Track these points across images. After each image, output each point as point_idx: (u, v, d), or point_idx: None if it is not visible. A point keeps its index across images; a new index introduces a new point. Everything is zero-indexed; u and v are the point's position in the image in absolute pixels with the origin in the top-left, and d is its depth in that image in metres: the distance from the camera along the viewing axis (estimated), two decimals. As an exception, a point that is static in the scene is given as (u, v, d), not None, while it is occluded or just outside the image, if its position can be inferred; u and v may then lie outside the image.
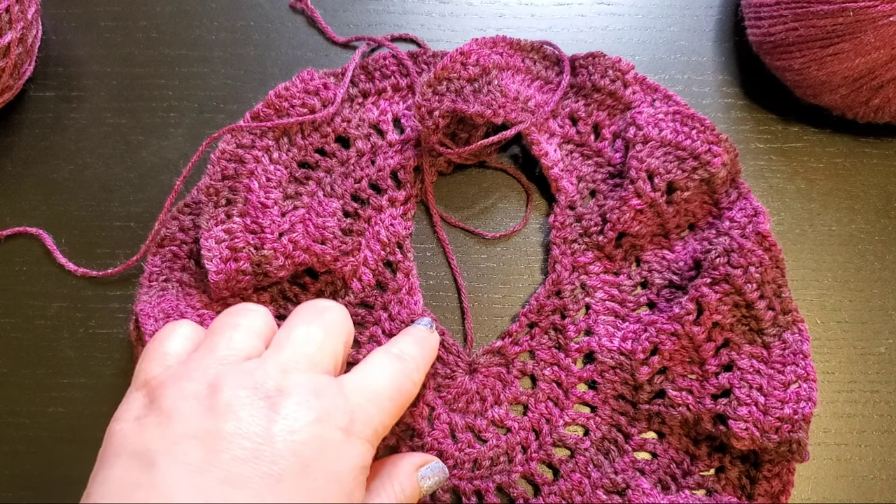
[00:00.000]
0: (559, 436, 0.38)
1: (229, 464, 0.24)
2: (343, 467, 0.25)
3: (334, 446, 0.25)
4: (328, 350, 0.28)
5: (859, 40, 0.37)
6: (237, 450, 0.24)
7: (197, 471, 0.23)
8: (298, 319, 0.30)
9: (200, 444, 0.24)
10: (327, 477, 0.25)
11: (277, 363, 0.27)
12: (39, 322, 0.41)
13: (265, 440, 0.24)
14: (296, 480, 0.24)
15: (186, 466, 0.23)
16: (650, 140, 0.39)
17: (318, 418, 0.25)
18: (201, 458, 0.24)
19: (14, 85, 0.42)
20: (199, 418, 0.25)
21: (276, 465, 0.24)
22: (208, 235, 0.38)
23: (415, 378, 0.31)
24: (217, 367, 0.27)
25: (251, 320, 0.29)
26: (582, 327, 0.40)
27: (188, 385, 0.26)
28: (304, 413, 0.25)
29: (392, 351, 0.31)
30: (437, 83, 0.40)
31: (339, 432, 0.26)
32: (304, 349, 0.28)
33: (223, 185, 0.39)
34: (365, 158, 0.42)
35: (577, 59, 0.44)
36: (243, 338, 0.28)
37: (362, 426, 0.27)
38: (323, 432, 0.25)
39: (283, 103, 0.41)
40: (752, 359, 0.37)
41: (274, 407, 0.25)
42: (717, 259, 0.37)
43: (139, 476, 0.24)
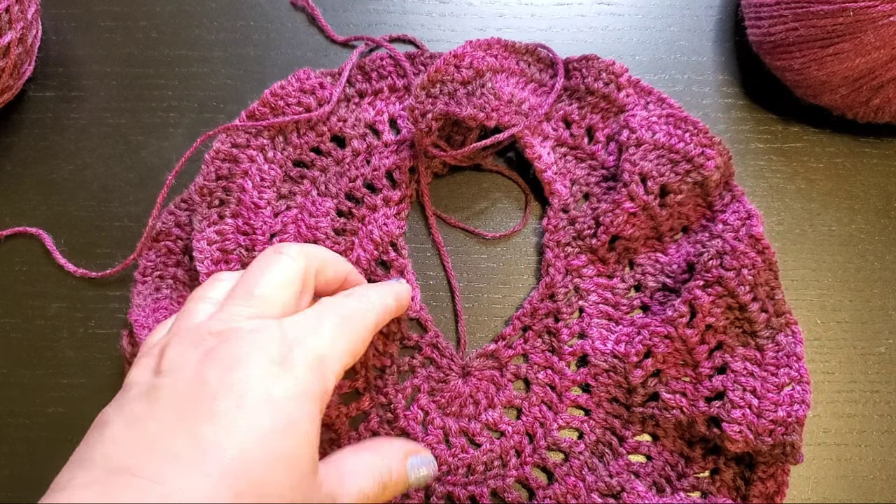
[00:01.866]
0: (553, 439, 0.38)
1: (168, 410, 0.25)
2: (280, 395, 0.25)
3: (269, 378, 0.26)
4: (275, 296, 0.29)
5: (859, 40, 0.37)
6: (175, 397, 0.25)
7: (138, 421, 0.25)
8: (247, 273, 0.30)
9: (144, 399, 0.25)
10: (264, 405, 0.25)
11: (220, 319, 0.28)
12: (39, 322, 0.41)
13: (200, 382, 0.25)
14: (232, 412, 0.24)
15: (131, 420, 0.25)
16: (643, 143, 0.39)
17: (249, 354, 0.26)
18: (143, 411, 0.25)
19: (14, 85, 0.42)
20: (146, 381, 0.26)
21: (211, 403, 0.25)
22: (200, 237, 0.38)
23: (369, 312, 0.31)
24: (171, 335, 0.28)
25: (215, 290, 0.30)
26: (575, 330, 0.40)
27: (145, 360, 0.28)
28: (236, 350, 0.26)
29: (344, 292, 0.32)
30: (431, 86, 0.40)
31: (274, 365, 0.26)
32: (247, 301, 0.28)
33: (217, 185, 0.39)
34: (360, 158, 0.42)
35: (571, 62, 0.44)
36: (203, 307, 0.29)
37: (302, 354, 0.27)
38: (255, 367, 0.26)
39: (278, 102, 0.41)
40: (746, 361, 0.37)
41: (209, 353, 0.26)
42: (710, 261, 0.37)
43: (93, 436, 0.25)
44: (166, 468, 0.23)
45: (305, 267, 0.30)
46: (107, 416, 0.26)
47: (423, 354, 0.39)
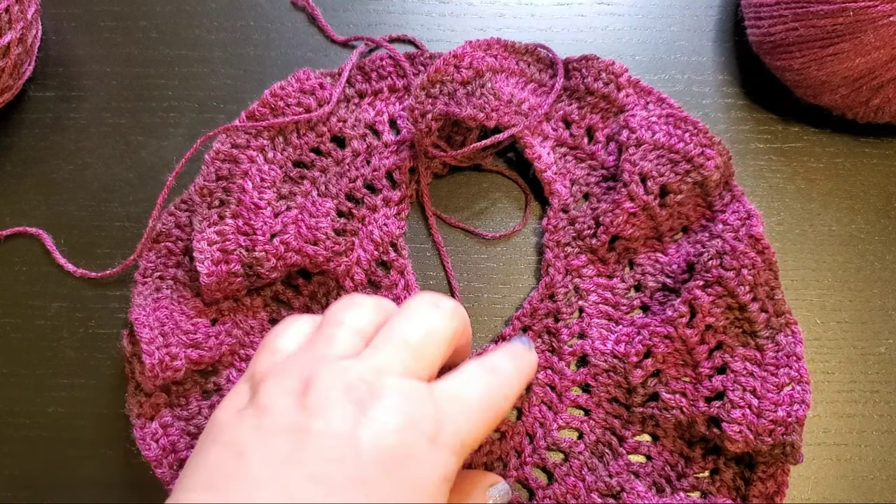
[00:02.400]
0: (553, 439, 0.38)
1: (315, 461, 0.24)
2: (427, 476, 0.25)
3: (419, 454, 0.25)
4: (428, 355, 0.28)
5: (859, 40, 0.37)
6: (324, 448, 0.24)
7: (283, 464, 0.24)
8: (404, 318, 0.29)
9: (289, 440, 0.24)
10: (411, 484, 0.24)
11: (372, 365, 0.26)
12: (39, 322, 0.41)
13: (351, 442, 0.24)
14: (378, 484, 0.24)
15: (274, 459, 0.24)
16: (643, 143, 0.39)
17: (406, 424, 0.25)
18: (288, 453, 0.24)
19: (14, 85, 0.42)
20: (290, 415, 0.25)
21: (360, 468, 0.24)
22: (200, 237, 0.38)
23: (507, 394, 0.29)
24: (315, 365, 0.27)
25: (356, 317, 0.29)
26: (575, 330, 0.40)
27: (285, 381, 0.26)
28: (392, 418, 0.25)
29: (486, 364, 0.30)
30: (431, 86, 0.40)
31: (426, 440, 0.25)
32: (401, 353, 0.27)
33: (217, 185, 0.39)
34: (360, 158, 0.42)
35: (571, 62, 0.44)
36: (345, 336, 0.28)
37: (449, 436, 0.26)
38: (409, 439, 0.25)
39: (278, 102, 0.41)
40: (746, 361, 0.37)
41: (363, 409, 0.25)
42: (710, 262, 0.37)
43: (228, 464, 0.24)
44: None
45: (457, 328, 0.29)
46: (244, 440, 0.25)
47: None
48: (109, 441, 0.39)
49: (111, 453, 0.38)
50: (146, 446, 0.36)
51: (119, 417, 0.38)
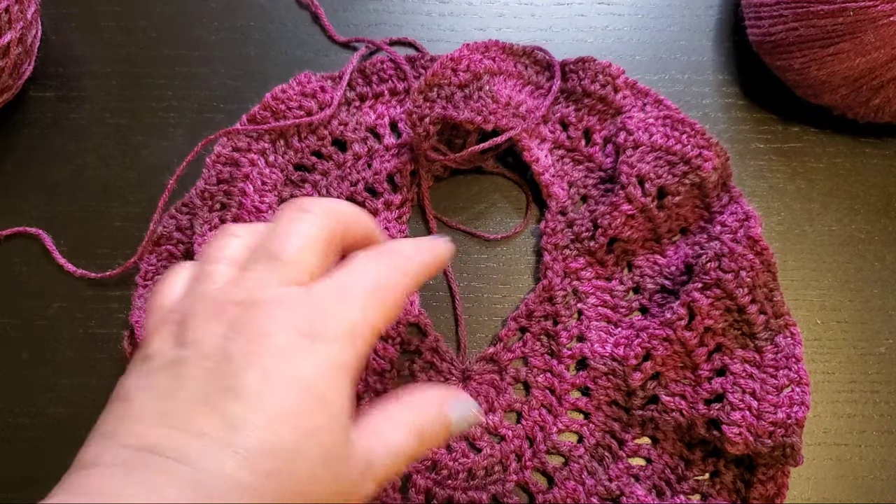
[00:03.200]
0: (553, 443, 0.38)
1: (193, 386, 0.24)
2: (307, 370, 0.24)
3: (297, 352, 0.25)
4: (302, 260, 0.27)
5: (859, 40, 0.37)
6: (200, 372, 0.24)
7: (164, 397, 0.24)
8: (271, 233, 0.28)
9: (168, 374, 0.25)
10: (292, 381, 0.24)
11: (244, 286, 0.26)
12: (39, 322, 0.41)
13: (224, 358, 0.24)
14: (259, 389, 0.24)
15: (155, 396, 0.24)
16: (641, 145, 0.39)
17: (276, 328, 0.25)
18: (168, 386, 0.24)
19: (13, 85, 0.42)
20: (168, 353, 0.25)
21: (236, 379, 0.24)
22: (201, 240, 0.38)
23: (404, 271, 0.29)
24: (191, 303, 0.27)
25: (228, 248, 0.29)
26: (574, 333, 0.40)
27: (165, 327, 0.27)
28: (262, 323, 0.25)
29: (377, 248, 0.30)
30: (428, 90, 0.40)
31: (300, 336, 0.25)
32: (272, 266, 0.27)
33: (218, 188, 0.39)
34: (361, 162, 0.42)
35: (568, 64, 0.44)
36: (221, 269, 0.28)
37: (332, 327, 0.25)
38: (282, 340, 0.25)
39: (279, 106, 0.41)
40: (745, 363, 0.37)
41: (233, 326, 0.25)
42: (708, 264, 0.36)
43: (118, 411, 0.25)
44: (193, 448, 0.23)
45: (332, 226, 0.28)
46: (129, 389, 0.25)
47: (423, 359, 0.39)
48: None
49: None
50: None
51: (119, 418, 0.38)
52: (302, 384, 0.24)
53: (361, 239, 0.30)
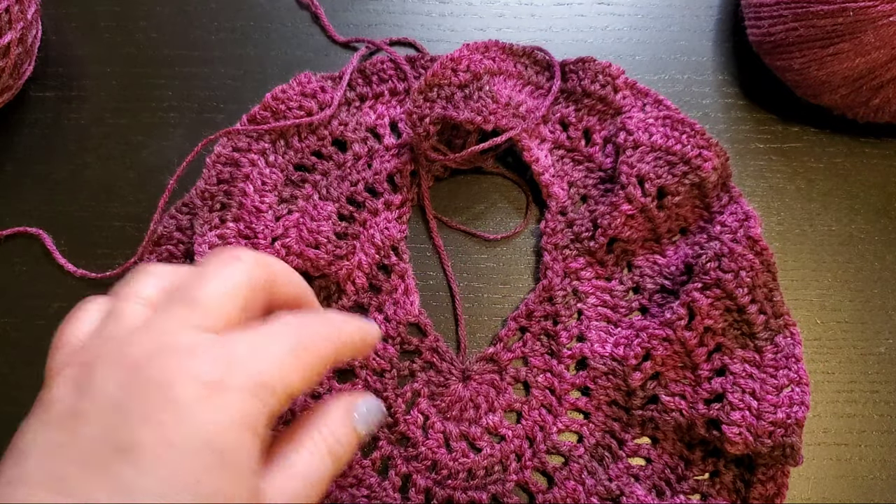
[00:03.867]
0: (553, 443, 0.38)
1: (86, 445, 0.22)
2: (207, 424, 0.22)
3: (197, 404, 0.22)
4: (220, 307, 0.25)
5: (859, 40, 0.37)
6: (95, 428, 0.22)
7: (56, 455, 0.22)
8: (193, 276, 0.27)
9: (64, 427, 0.23)
10: (188, 438, 0.22)
11: (155, 329, 0.25)
12: (39, 322, 0.41)
13: (120, 412, 0.22)
14: (153, 449, 0.22)
15: (49, 450, 0.23)
16: (640, 145, 0.39)
17: (178, 378, 0.23)
18: (61, 441, 0.23)
19: (14, 85, 0.42)
20: (67, 402, 0.24)
21: (132, 436, 0.22)
22: (202, 240, 0.38)
23: (330, 339, 0.27)
24: (98, 348, 0.25)
25: (142, 286, 0.27)
26: (574, 333, 0.40)
27: (67, 371, 0.25)
28: (165, 373, 0.23)
29: (306, 311, 0.28)
30: (429, 90, 0.40)
31: (205, 388, 0.23)
32: (186, 311, 0.25)
33: (218, 189, 0.39)
34: (361, 162, 0.42)
35: (568, 65, 0.44)
36: (131, 308, 0.26)
37: (238, 379, 0.23)
38: (182, 393, 0.23)
39: (279, 106, 0.41)
40: (745, 363, 0.37)
41: (135, 375, 0.23)
42: (708, 264, 0.36)
43: (11, 469, 0.23)
44: None
45: (260, 278, 0.27)
46: (26, 443, 0.23)
47: (423, 359, 0.39)
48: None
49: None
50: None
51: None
52: (201, 440, 0.22)
53: (291, 300, 0.29)
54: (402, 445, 0.38)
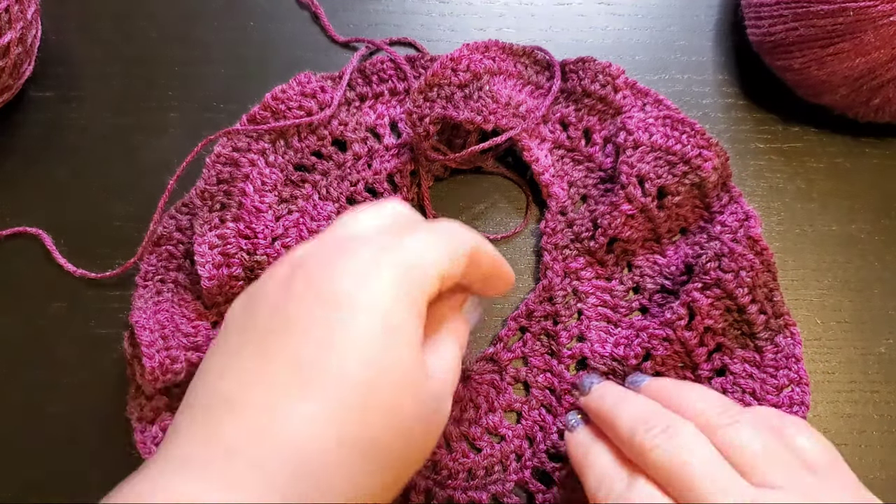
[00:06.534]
0: (553, 443, 0.38)
1: (259, 329, 0.25)
2: (377, 303, 0.25)
3: (362, 276, 0.25)
4: None
5: (859, 40, 0.37)
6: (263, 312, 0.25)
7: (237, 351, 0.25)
8: None
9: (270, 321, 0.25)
10: (361, 315, 0.24)
11: (344, 221, 0.28)
12: (39, 322, 0.41)
13: (284, 292, 0.25)
14: (313, 322, 0.24)
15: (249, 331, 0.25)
16: (640, 145, 0.39)
17: (346, 259, 0.26)
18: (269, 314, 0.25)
19: (14, 85, 0.42)
20: (274, 294, 0.26)
21: (296, 311, 0.25)
22: (202, 241, 0.38)
23: (481, 248, 0.29)
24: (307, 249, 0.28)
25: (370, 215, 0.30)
26: (574, 333, 0.40)
27: (279, 267, 0.27)
28: (329, 260, 0.26)
29: None
30: (428, 90, 0.40)
31: (366, 263, 0.25)
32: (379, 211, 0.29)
33: (218, 189, 0.39)
34: (361, 162, 0.42)
35: (568, 64, 0.43)
36: (364, 217, 0.29)
37: (398, 257, 0.26)
38: (348, 266, 0.25)
39: (279, 106, 0.41)
40: (745, 363, 0.37)
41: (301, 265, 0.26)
42: (708, 264, 0.36)
43: (218, 345, 0.26)
44: (271, 397, 0.23)
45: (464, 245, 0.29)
46: (227, 323, 0.27)
47: None
48: (109, 442, 0.39)
49: (111, 454, 0.38)
50: (147, 450, 0.36)
51: (119, 418, 0.38)
52: (370, 317, 0.24)
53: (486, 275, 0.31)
54: None
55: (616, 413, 0.31)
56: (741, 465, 0.27)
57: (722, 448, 0.28)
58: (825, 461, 0.28)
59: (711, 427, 0.28)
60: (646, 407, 0.30)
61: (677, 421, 0.28)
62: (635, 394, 0.32)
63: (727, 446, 0.28)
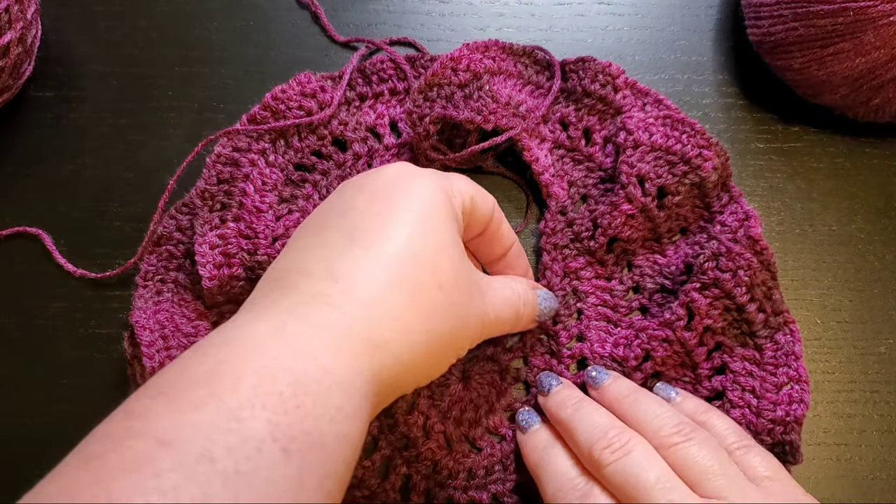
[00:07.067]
0: None
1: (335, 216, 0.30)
2: (420, 187, 0.30)
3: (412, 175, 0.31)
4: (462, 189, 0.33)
5: (859, 40, 0.37)
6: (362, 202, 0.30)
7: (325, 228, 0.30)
8: None
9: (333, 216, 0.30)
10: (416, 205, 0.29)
11: None
12: (39, 322, 0.41)
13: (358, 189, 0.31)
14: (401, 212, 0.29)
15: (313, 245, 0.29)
16: (641, 145, 0.39)
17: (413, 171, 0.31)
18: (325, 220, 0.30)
19: (13, 85, 0.42)
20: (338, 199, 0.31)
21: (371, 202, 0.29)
22: (202, 241, 0.38)
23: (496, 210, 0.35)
24: None
25: None
26: (574, 333, 0.40)
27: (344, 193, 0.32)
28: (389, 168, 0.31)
29: None
30: (428, 89, 0.40)
31: (411, 171, 0.31)
32: None
33: (218, 189, 0.39)
34: (361, 161, 0.42)
35: (568, 64, 0.43)
36: None
37: (438, 176, 0.31)
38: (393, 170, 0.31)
39: (279, 106, 0.41)
40: (745, 361, 0.37)
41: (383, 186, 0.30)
42: (706, 264, 0.36)
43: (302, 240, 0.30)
44: (340, 266, 0.27)
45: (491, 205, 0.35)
46: (307, 223, 0.31)
47: None
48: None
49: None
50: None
51: (119, 418, 0.38)
52: (421, 206, 0.29)
53: None
54: (402, 446, 0.38)
55: (573, 425, 0.33)
56: (690, 479, 0.30)
57: (674, 465, 0.30)
58: (771, 476, 0.31)
59: (665, 445, 0.31)
60: (602, 422, 0.33)
61: (632, 439, 0.31)
62: (593, 404, 0.35)
63: (679, 463, 0.30)
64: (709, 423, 0.34)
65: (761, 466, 0.32)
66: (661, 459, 0.31)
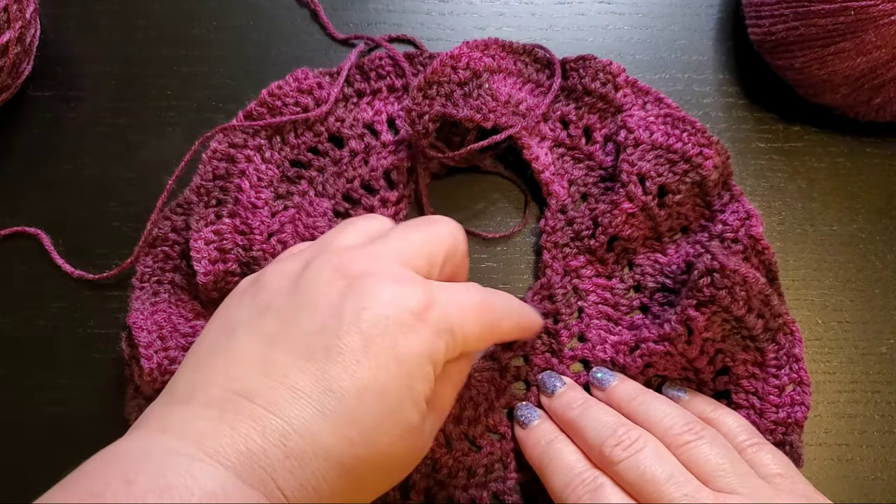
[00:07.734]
0: None
1: (297, 336, 0.25)
2: (407, 350, 0.25)
3: (401, 328, 0.25)
4: (423, 253, 0.29)
5: (860, 39, 0.37)
6: (307, 322, 0.25)
7: (267, 342, 0.25)
8: (403, 224, 0.30)
9: (278, 317, 0.26)
10: (387, 356, 0.25)
11: (369, 252, 0.28)
12: (39, 322, 0.41)
13: (334, 315, 0.25)
14: (356, 355, 0.25)
15: (260, 337, 0.26)
16: (641, 143, 0.39)
17: (392, 299, 0.26)
18: (274, 329, 0.26)
19: (12, 84, 0.42)
20: (284, 293, 0.27)
21: (340, 340, 0.25)
22: (197, 236, 0.38)
23: (512, 312, 0.30)
24: (317, 249, 0.29)
25: (372, 228, 0.31)
26: (574, 332, 0.39)
27: (287, 265, 0.28)
28: (378, 291, 0.26)
29: None
30: (428, 87, 0.40)
31: (410, 316, 0.26)
32: (397, 245, 0.28)
33: (214, 185, 0.39)
34: (358, 158, 0.42)
35: (568, 62, 0.43)
36: (352, 231, 0.30)
37: (437, 318, 0.26)
38: (392, 312, 0.26)
39: (276, 102, 0.41)
40: (747, 364, 0.37)
41: (351, 285, 0.26)
42: (701, 280, 0.35)
43: (220, 342, 0.26)
44: (286, 401, 0.24)
45: (451, 245, 0.30)
46: (236, 323, 0.27)
47: None
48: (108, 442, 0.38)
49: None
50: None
51: (118, 418, 0.38)
52: (397, 362, 0.25)
53: (456, 271, 0.32)
54: None
55: (582, 424, 0.33)
56: (702, 477, 0.30)
57: (685, 463, 0.30)
58: (782, 473, 0.31)
59: (675, 444, 0.31)
60: (611, 420, 0.32)
61: (643, 436, 0.31)
62: (599, 404, 0.34)
63: (690, 461, 0.30)
64: (719, 420, 0.34)
65: (772, 464, 0.32)
66: (673, 456, 0.31)
